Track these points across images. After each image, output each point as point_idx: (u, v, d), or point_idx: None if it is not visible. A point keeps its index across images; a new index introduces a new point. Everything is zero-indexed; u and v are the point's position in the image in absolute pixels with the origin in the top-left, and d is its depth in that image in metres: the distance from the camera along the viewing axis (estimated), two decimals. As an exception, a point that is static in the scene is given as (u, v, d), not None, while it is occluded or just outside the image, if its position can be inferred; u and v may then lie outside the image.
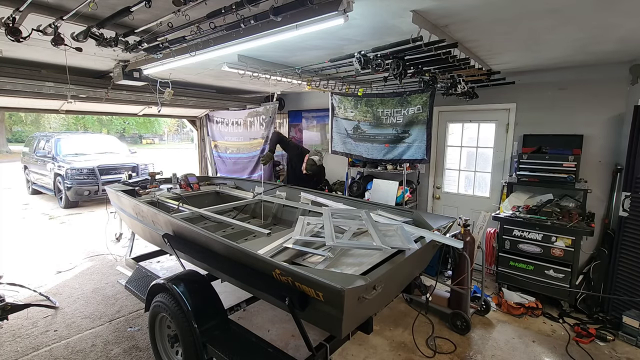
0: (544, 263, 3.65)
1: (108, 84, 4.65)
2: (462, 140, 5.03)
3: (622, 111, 3.73)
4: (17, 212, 8.03)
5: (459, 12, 2.26)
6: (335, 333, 1.92)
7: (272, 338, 3.15)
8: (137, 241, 4.35)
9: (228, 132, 7.07)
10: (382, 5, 2.16)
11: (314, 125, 6.64)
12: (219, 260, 2.32)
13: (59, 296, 3.95)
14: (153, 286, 2.57)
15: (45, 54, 3.62)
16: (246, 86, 5.91)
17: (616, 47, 3.06)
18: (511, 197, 4.19)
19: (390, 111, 4.68)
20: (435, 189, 5.28)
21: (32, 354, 2.96)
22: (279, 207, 3.94)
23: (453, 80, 3.61)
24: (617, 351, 3.07)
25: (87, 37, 2.36)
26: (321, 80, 4.58)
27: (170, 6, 1.92)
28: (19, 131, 27.38)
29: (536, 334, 3.32)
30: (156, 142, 36.72)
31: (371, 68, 2.72)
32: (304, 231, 2.62)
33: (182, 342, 2.37)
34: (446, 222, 2.80)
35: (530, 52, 3.28)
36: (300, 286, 1.73)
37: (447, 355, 2.98)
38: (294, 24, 2.05)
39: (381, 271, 1.90)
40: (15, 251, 5.41)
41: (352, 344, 3.09)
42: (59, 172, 8.34)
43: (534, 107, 4.27)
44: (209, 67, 3.94)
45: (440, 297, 3.54)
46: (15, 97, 4.37)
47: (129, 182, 4.23)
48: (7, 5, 2.16)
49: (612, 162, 3.82)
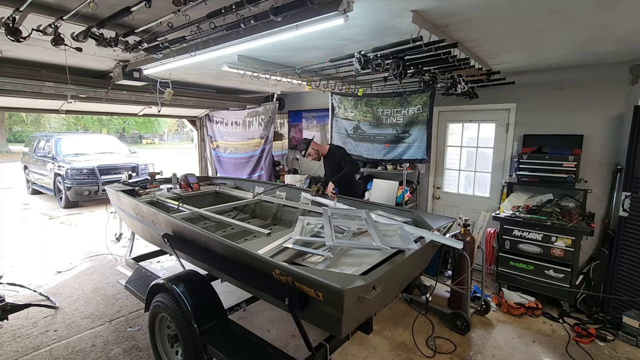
0: (544, 263, 3.65)
1: (108, 84, 4.65)
2: (462, 140, 5.03)
3: (622, 111, 3.73)
4: (17, 212, 8.03)
5: (459, 12, 2.26)
6: (335, 333, 1.93)
7: (272, 338, 3.16)
8: (137, 241, 4.35)
9: (227, 132, 7.08)
10: (382, 5, 2.16)
11: (314, 125, 6.64)
12: (218, 260, 2.32)
13: (59, 296, 3.95)
14: (153, 286, 2.57)
15: (45, 54, 3.62)
16: (246, 86, 5.91)
17: (616, 47, 3.06)
18: (511, 197, 4.19)
19: (390, 111, 4.68)
20: (435, 189, 5.28)
21: (32, 354, 2.96)
22: (279, 207, 3.94)
23: (453, 80, 3.61)
24: (617, 351, 3.06)
25: (87, 37, 2.36)
26: (321, 80, 4.58)
27: (170, 6, 1.92)
28: (19, 131, 27.40)
29: (536, 334, 3.32)
30: (156, 142, 36.72)
31: (371, 68, 2.72)
32: (304, 231, 2.62)
33: (182, 342, 2.37)
34: (446, 222, 2.80)
35: (530, 52, 3.28)
36: (300, 286, 1.73)
37: (447, 355, 2.98)
38: (294, 24, 2.05)
39: (381, 271, 1.90)
40: (15, 251, 5.41)
41: (352, 344, 3.09)
42: (59, 172, 8.34)
43: (534, 107, 4.27)
44: (209, 67, 3.94)
45: (440, 297, 3.54)
46: (15, 97, 4.37)
47: (129, 182, 4.24)
48: (7, 5, 2.16)
49: (612, 162, 3.82)
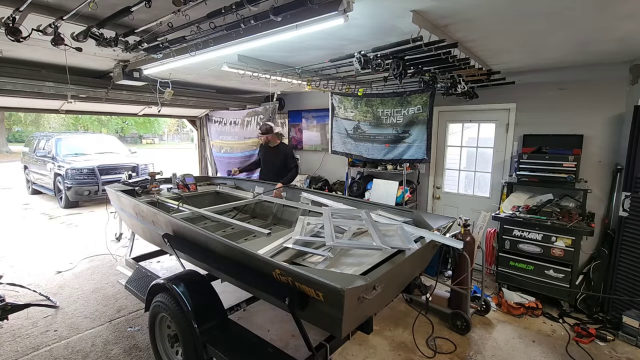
0: (544, 263, 3.65)
1: (108, 84, 4.65)
2: (462, 140, 5.03)
3: (622, 111, 3.73)
4: (17, 212, 8.03)
5: (459, 12, 2.26)
6: (335, 333, 1.93)
7: (272, 338, 3.15)
8: (137, 241, 4.35)
9: (225, 132, 7.08)
10: (382, 5, 2.16)
11: (314, 125, 6.64)
12: (219, 260, 2.32)
13: (59, 296, 3.95)
14: (153, 286, 2.57)
15: (45, 54, 3.62)
16: (246, 86, 5.91)
17: (616, 47, 3.06)
18: (511, 197, 4.19)
19: (390, 111, 4.68)
20: (435, 189, 5.28)
21: (32, 354, 2.96)
22: (279, 207, 3.94)
23: (453, 80, 3.61)
24: (617, 351, 3.07)
25: (87, 37, 2.37)
26: (321, 80, 4.58)
27: (170, 6, 1.92)
28: (19, 131, 27.39)
29: (536, 334, 3.32)
30: (156, 142, 36.73)
31: (371, 68, 2.72)
32: (304, 231, 2.62)
33: (182, 342, 2.38)
34: (446, 222, 2.80)
35: (530, 52, 3.28)
36: (300, 286, 1.73)
37: (447, 355, 2.98)
38: (294, 24, 2.05)
39: (381, 271, 1.90)
40: (15, 251, 5.41)
41: (352, 344, 3.09)
42: (59, 172, 8.33)
43: (534, 107, 4.27)
44: (209, 67, 3.94)
45: (440, 297, 3.54)
46: (15, 97, 4.37)
47: (129, 182, 4.23)
48: (7, 5, 2.16)
49: (612, 162, 3.82)
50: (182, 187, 4.30)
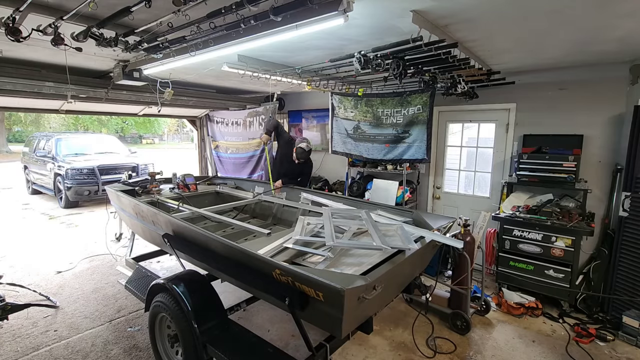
0: (544, 263, 3.65)
1: (108, 84, 4.65)
2: (462, 140, 5.03)
3: (622, 111, 3.73)
4: (17, 212, 8.03)
5: (459, 12, 2.26)
6: (335, 333, 1.93)
7: (272, 338, 3.16)
8: (137, 241, 4.35)
9: (228, 132, 7.07)
10: (382, 5, 2.16)
11: (314, 125, 6.64)
12: (219, 260, 2.32)
13: (59, 296, 3.95)
14: (153, 286, 2.57)
15: (45, 54, 3.62)
16: (246, 86, 5.91)
17: (616, 47, 3.06)
18: (511, 197, 4.19)
19: (390, 111, 4.68)
20: (435, 189, 5.28)
21: (32, 354, 2.96)
22: (279, 207, 3.94)
23: (453, 80, 3.61)
24: (617, 351, 3.07)
25: (87, 37, 2.37)
26: (321, 80, 4.58)
27: (170, 6, 1.92)
28: (19, 131, 27.39)
29: (536, 334, 3.32)
30: (156, 142, 36.73)
31: (371, 68, 2.72)
32: (304, 231, 2.62)
33: (182, 342, 2.38)
34: (446, 222, 2.80)
35: (530, 52, 3.28)
36: (300, 286, 1.73)
37: (447, 355, 2.98)
38: (294, 23, 2.05)
39: (381, 271, 1.90)
40: (15, 251, 5.41)
41: (352, 344, 3.09)
42: (59, 172, 8.33)
43: (534, 107, 4.27)
44: (209, 67, 3.94)
45: (440, 297, 3.54)
46: (15, 97, 4.37)
47: (129, 182, 4.23)
48: (7, 5, 2.16)
49: (612, 162, 3.82)
50: (182, 187, 4.30)
